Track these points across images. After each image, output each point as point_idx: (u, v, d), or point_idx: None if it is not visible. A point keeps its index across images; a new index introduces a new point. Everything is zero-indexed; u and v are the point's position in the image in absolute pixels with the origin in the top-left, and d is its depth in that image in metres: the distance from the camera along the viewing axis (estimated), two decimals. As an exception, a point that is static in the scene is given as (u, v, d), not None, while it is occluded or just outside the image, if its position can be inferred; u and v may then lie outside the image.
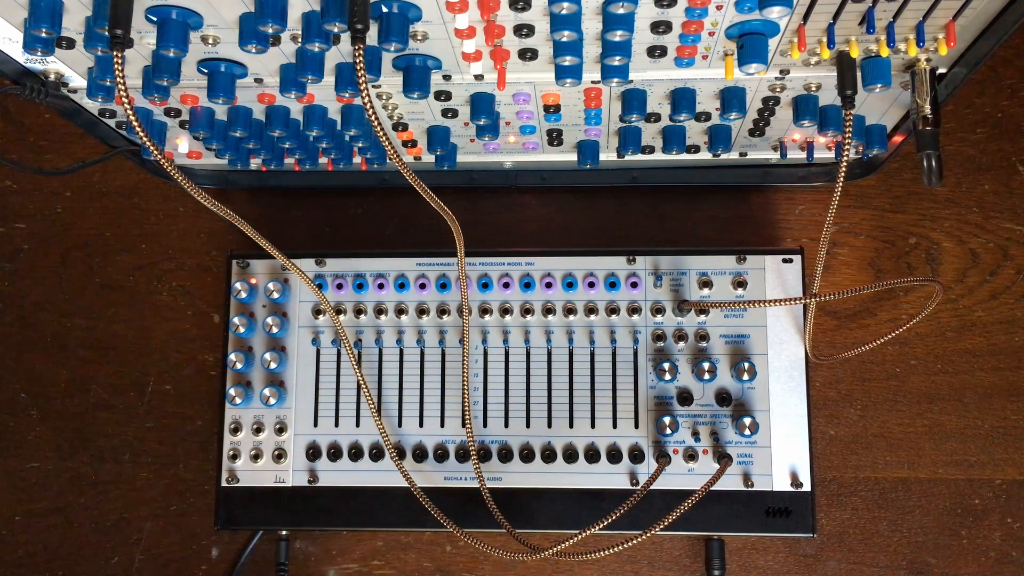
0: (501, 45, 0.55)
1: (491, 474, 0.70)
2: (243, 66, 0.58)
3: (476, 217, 0.80)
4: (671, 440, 0.70)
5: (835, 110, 0.63)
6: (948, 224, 0.78)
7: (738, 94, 0.61)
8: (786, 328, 0.71)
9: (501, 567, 0.76)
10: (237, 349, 0.72)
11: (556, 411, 0.71)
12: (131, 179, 0.83)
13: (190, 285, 0.81)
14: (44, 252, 0.82)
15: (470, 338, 0.70)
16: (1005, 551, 0.74)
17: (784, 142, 0.71)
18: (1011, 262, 0.77)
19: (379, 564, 0.76)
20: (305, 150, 0.70)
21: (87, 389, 0.80)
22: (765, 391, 0.70)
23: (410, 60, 0.56)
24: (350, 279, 0.73)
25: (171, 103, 0.64)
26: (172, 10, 0.51)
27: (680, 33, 0.53)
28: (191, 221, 0.82)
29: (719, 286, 0.71)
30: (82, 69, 0.60)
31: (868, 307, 0.78)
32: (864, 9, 0.51)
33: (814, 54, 0.56)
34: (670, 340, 0.71)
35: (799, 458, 0.69)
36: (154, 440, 0.79)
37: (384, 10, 0.50)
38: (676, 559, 0.75)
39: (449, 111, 0.64)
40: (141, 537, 0.78)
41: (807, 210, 0.79)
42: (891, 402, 0.76)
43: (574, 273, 0.72)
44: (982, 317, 0.77)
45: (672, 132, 0.68)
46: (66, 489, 0.79)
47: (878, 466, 0.75)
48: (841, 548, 0.75)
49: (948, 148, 0.79)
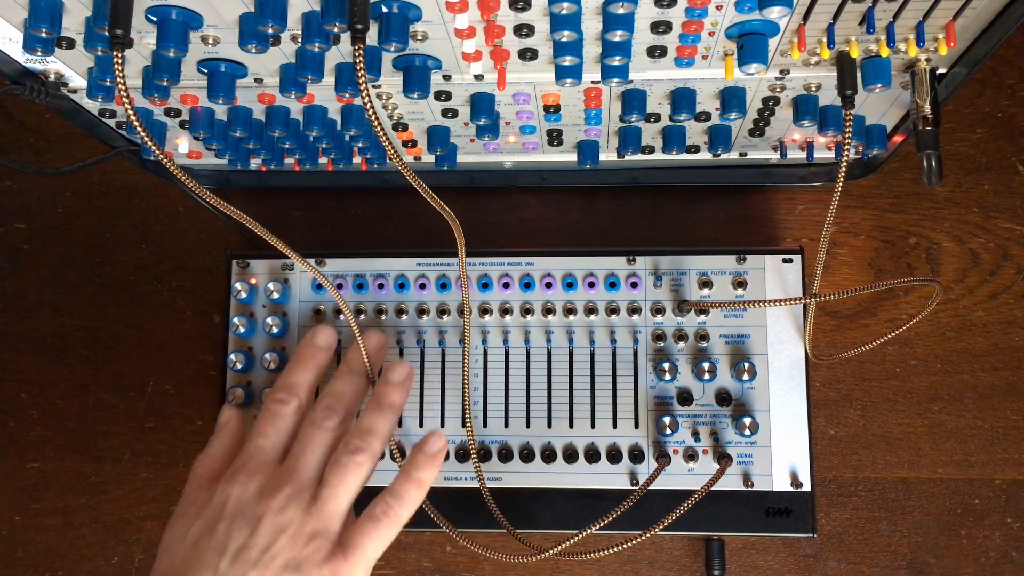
0: (501, 45, 0.55)
1: (491, 474, 0.70)
2: (243, 66, 0.58)
3: (476, 217, 0.80)
4: (671, 440, 0.70)
5: (835, 110, 0.63)
6: (948, 224, 0.78)
7: (738, 94, 0.61)
8: (786, 328, 0.71)
9: (501, 567, 0.76)
10: (237, 349, 0.72)
11: (556, 411, 0.71)
12: (131, 179, 0.83)
13: (190, 285, 0.81)
14: (44, 252, 0.82)
15: (470, 338, 0.70)
16: (1005, 551, 0.74)
17: (784, 142, 0.71)
18: (1011, 262, 0.77)
19: (379, 564, 0.75)
20: (305, 150, 0.70)
21: (87, 389, 0.80)
22: (765, 391, 0.70)
23: (410, 60, 0.56)
24: (350, 279, 0.73)
25: (171, 103, 0.64)
26: (172, 10, 0.51)
27: (680, 33, 0.53)
28: (191, 221, 0.82)
29: (719, 286, 0.71)
30: (82, 69, 0.60)
31: (868, 307, 0.78)
32: (864, 9, 0.51)
33: (814, 54, 0.56)
34: (670, 340, 0.71)
35: (799, 458, 0.69)
36: (154, 440, 0.79)
37: (384, 10, 0.50)
38: (676, 559, 0.75)
39: (449, 111, 0.64)
40: (141, 537, 0.78)
41: (807, 210, 0.79)
42: (891, 402, 0.76)
43: (574, 273, 0.72)
44: (982, 317, 0.77)
45: (672, 132, 0.68)
46: (66, 489, 0.79)
47: (878, 466, 0.75)
48: (841, 548, 0.75)
49: (948, 148, 0.79)
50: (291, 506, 0.55)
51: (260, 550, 0.53)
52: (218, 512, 0.55)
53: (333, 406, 0.60)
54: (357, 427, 0.59)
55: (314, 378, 0.62)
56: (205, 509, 0.56)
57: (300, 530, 0.54)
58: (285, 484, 0.56)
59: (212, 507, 0.56)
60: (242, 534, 0.54)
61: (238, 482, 0.56)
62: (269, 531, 0.54)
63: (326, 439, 0.58)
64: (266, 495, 0.55)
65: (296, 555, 0.54)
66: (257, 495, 0.56)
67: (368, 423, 0.59)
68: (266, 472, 0.57)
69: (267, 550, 0.53)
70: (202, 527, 0.55)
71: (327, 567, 0.54)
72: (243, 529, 0.54)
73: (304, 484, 0.56)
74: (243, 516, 0.55)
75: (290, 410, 0.60)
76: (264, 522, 0.54)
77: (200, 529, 0.55)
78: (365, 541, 0.56)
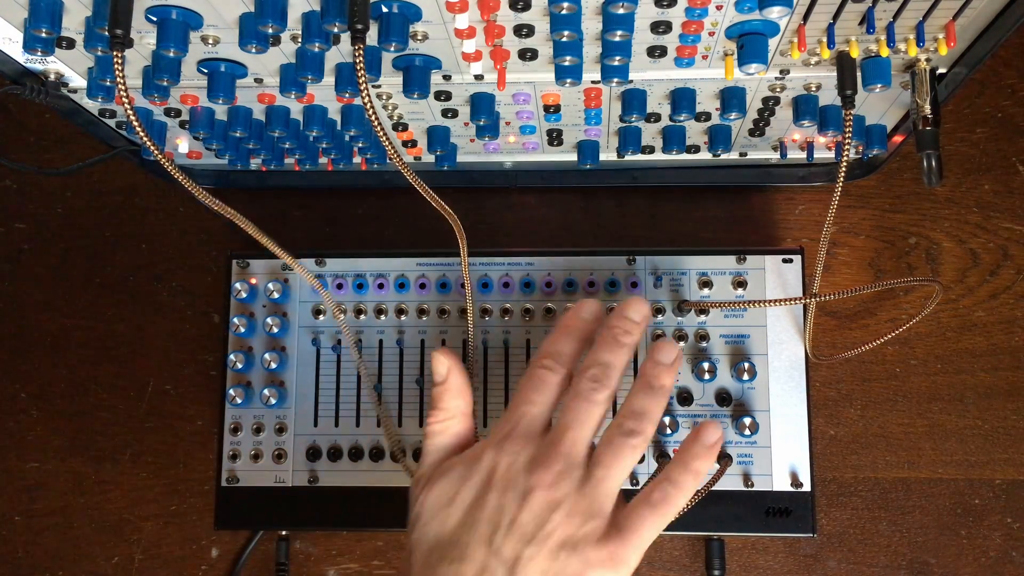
0: (501, 45, 0.55)
1: (491, 474, 0.70)
2: (243, 66, 0.58)
3: (476, 217, 0.80)
4: (671, 440, 0.70)
5: (835, 110, 0.63)
6: (948, 224, 0.78)
7: (738, 94, 0.61)
8: (786, 328, 0.71)
9: (501, 567, 0.75)
10: (237, 349, 0.72)
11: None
12: (131, 179, 0.83)
13: (190, 285, 0.81)
14: (44, 252, 0.82)
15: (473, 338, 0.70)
16: (1005, 551, 0.74)
17: (784, 142, 0.71)
18: (1011, 262, 0.77)
19: (379, 564, 0.76)
20: (305, 150, 0.70)
21: (87, 389, 0.80)
22: (765, 391, 0.70)
23: (410, 60, 0.56)
24: (350, 279, 0.73)
25: (171, 103, 0.64)
26: (172, 10, 0.51)
27: (680, 33, 0.53)
28: (191, 221, 0.82)
29: (719, 286, 0.71)
30: (82, 69, 0.60)
31: (868, 307, 0.78)
32: (864, 9, 0.51)
33: (814, 54, 0.56)
34: (670, 340, 0.71)
35: (799, 458, 0.69)
36: (154, 440, 0.79)
37: (384, 10, 0.50)
38: (676, 559, 0.75)
39: (449, 111, 0.64)
40: (141, 537, 0.78)
41: (807, 210, 0.79)
42: (891, 402, 0.76)
43: (574, 273, 0.72)
44: (982, 317, 0.77)
45: (672, 132, 0.68)
46: (66, 489, 0.79)
47: (878, 466, 0.75)
48: (841, 548, 0.75)
49: (948, 148, 0.79)
50: (563, 483, 0.52)
51: (535, 525, 0.51)
52: (487, 479, 0.53)
53: (600, 378, 0.56)
54: (629, 408, 0.56)
55: (579, 349, 0.59)
56: (471, 472, 0.54)
57: (575, 508, 0.52)
58: (556, 459, 0.53)
59: (479, 471, 0.54)
60: (514, 506, 0.52)
61: (507, 451, 0.54)
62: (542, 506, 0.52)
63: (596, 414, 0.55)
64: (537, 468, 0.53)
65: (572, 533, 0.51)
66: (527, 467, 0.53)
67: (641, 405, 0.56)
68: (535, 443, 0.54)
69: (542, 526, 0.51)
70: (473, 494, 0.53)
71: (605, 549, 0.52)
72: (516, 501, 0.52)
73: (576, 461, 0.53)
74: (515, 488, 0.52)
75: (557, 379, 0.57)
76: (535, 496, 0.52)
77: (471, 495, 0.53)
78: (642, 525, 0.53)
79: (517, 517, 0.52)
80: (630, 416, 0.55)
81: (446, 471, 0.55)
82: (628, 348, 0.57)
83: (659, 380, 0.56)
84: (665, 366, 0.57)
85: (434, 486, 0.55)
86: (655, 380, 0.56)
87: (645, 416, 0.55)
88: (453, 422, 0.59)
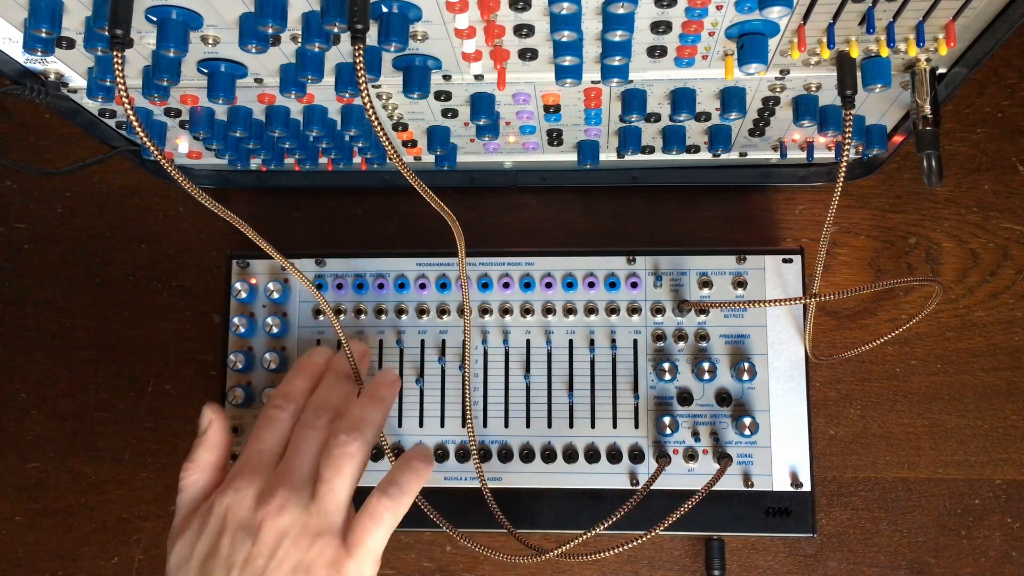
0: (501, 45, 0.55)
1: (491, 474, 0.70)
2: (243, 66, 0.58)
3: (476, 217, 0.80)
4: (671, 440, 0.70)
5: (835, 110, 0.63)
6: (948, 224, 0.78)
7: (738, 94, 0.61)
8: (786, 328, 0.71)
9: (501, 567, 0.76)
10: (237, 349, 0.72)
11: (556, 411, 0.71)
12: (131, 179, 0.83)
13: (190, 285, 0.81)
14: (44, 252, 0.82)
15: (470, 338, 0.70)
16: (1005, 551, 0.74)
17: (784, 142, 0.71)
18: (1011, 262, 0.77)
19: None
20: (305, 150, 0.70)
21: (87, 389, 0.80)
22: (765, 391, 0.70)
23: (410, 60, 0.56)
24: (350, 279, 0.73)
25: (171, 103, 0.64)
26: (172, 10, 0.51)
27: (680, 33, 0.53)
28: (191, 221, 0.82)
29: (719, 286, 0.71)
30: (82, 69, 0.60)
31: (868, 307, 0.78)
32: (864, 9, 0.51)
33: (814, 54, 0.56)
34: (670, 340, 0.71)
35: (799, 458, 0.69)
36: (154, 440, 0.79)
37: (384, 10, 0.50)
38: (676, 559, 0.75)
39: (449, 111, 0.64)
40: (141, 537, 0.78)
41: (807, 210, 0.79)
42: (891, 402, 0.76)
43: (574, 273, 0.72)
44: (982, 317, 0.77)
45: (672, 132, 0.68)
46: (66, 489, 0.79)
47: (878, 466, 0.75)
48: (841, 548, 0.75)
49: (948, 148, 0.79)
50: (289, 507, 0.54)
51: (266, 558, 0.53)
52: (220, 526, 0.55)
53: (322, 405, 0.60)
54: (346, 419, 0.59)
55: (311, 387, 0.62)
56: (206, 523, 0.56)
57: (303, 531, 0.54)
58: (281, 486, 0.55)
59: (212, 520, 0.55)
60: (246, 546, 0.53)
61: (234, 489, 0.56)
62: (272, 537, 0.54)
63: (318, 438, 0.58)
64: (263, 500, 0.55)
65: (302, 558, 0.53)
66: (255, 501, 0.55)
67: (358, 414, 0.59)
68: (263, 476, 0.57)
69: (272, 556, 0.53)
70: (207, 545, 0.55)
71: (335, 567, 0.54)
72: (246, 541, 0.54)
73: (300, 483, 0.56)
74: (245, 527, 0.54)
75: (286, 415, 0.60)
76: (264, 529, 0.54)
77: (205, 547, 0.55)
78: (367, 538, 0.55)
79: (250, 554, 0.53)
80: (346, 426, 0.58)
81: (185, 527, 0.57)
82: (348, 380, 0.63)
83: (378, 392, 0.61)
84: (385, 384, 0.62)
85: (175, 544, 0.56)
86: (374, 393, 0.61)
87: (363, 421, 0.58)
88: (199, 476, 0.60)
